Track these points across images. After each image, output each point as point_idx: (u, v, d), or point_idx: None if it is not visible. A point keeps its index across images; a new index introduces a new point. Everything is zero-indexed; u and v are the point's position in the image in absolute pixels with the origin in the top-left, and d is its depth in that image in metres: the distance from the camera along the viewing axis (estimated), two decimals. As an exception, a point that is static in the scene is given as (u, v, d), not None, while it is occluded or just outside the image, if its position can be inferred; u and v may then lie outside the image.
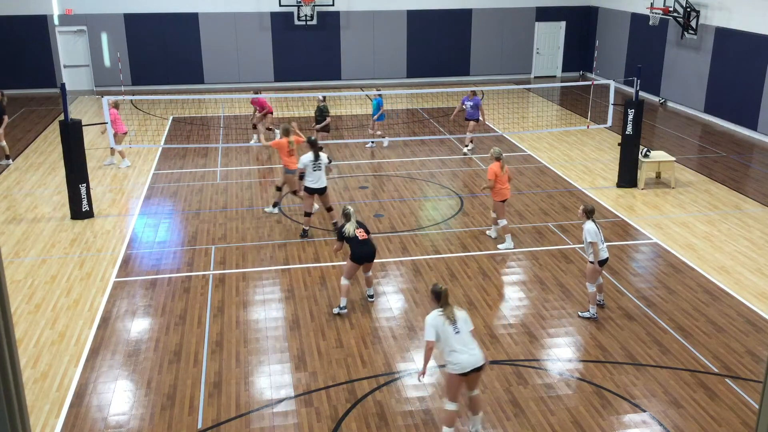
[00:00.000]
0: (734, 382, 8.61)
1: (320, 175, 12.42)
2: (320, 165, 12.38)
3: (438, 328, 7.15)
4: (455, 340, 7.12)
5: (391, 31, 26.19)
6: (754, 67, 19.20)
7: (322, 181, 12.45)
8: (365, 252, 9.95)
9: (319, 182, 12.42)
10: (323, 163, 12.43)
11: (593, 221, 9.85)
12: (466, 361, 7.09)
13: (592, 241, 9.74)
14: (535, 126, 20.67)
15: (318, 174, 12.39)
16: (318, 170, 12.38)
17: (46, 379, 8.64)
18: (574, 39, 27.66)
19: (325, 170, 12.50)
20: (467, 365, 7.09)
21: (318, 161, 12.34)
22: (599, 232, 9.85)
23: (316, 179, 12.39)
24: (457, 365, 7.10)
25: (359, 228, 10.02)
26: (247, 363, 8.97)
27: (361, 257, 9.94)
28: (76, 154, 13.33)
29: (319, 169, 12.37)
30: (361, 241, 9.93)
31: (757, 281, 11.19)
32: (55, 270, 11.53)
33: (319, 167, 12.37)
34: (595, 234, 9.74)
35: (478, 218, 13.65)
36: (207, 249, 12.34)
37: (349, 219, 10.02)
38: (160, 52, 25.01)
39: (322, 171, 12.43)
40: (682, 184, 15.61)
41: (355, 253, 9.93)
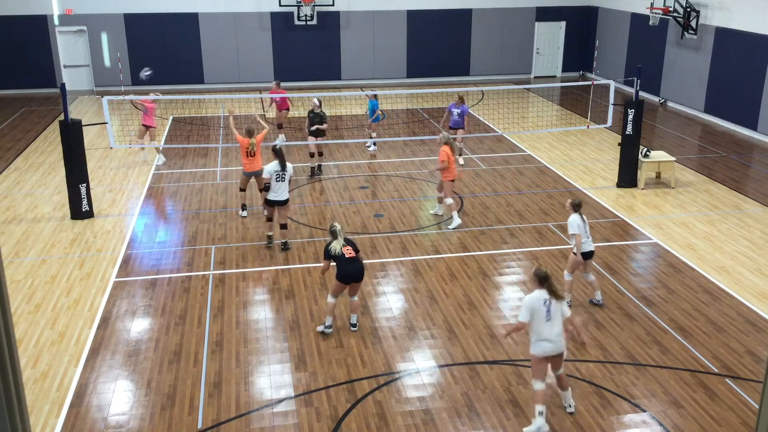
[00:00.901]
0: (734, 382, 8.61)
1: (283, 187, 11.84)
2: (284, 176, 11.81)
3: (534, 311, 7.51)
4: (544, 325, 7.51)
5: (391, 31, 26.19)
6: (754, 67, 19.20)
7: (283, 194, 11.88)
8: (352, 270, 9.32)
9: (280, 194, 11.85)
10: (288, 175, 11.88)
11: (579, 214, 9.93)
12: (545, 348, 7.56)
13: (573, 233, 9.87)
14: (535, 126, 20.67)
15: (280, 185, 11.81)
16: (281, 181, 11.80)
17: (46, 379, 8.64)
18: (574, 39, 27.65)
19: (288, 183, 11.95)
20: (548, 352, 7.57)
21: (283, 172, 11.80)
22: (583, 225, 9.93)
23: (277, 191, 11.82)
24: (540, 349, 7.58)
25: (347, 246, 9.39)
26: (247, 363, 8.98)
27: (347, 276, 9.32)
28: (76, 154, 13.33)
29: (282, 180, 11.80)
30: (348, 259, 9.30)
31: (757, 281, 11.19)
32: (55, 270, 11.53)
33: (282, 178, 11.79)
34: (577, 227, 9.84)
35: (478, 218, 13.65)
36: (207, 249, 12.34)
37: (336, 237, 9.42)
38: (160, 52, 25.00)
39: (286, 183, 11.86)
40: (682, 184, 15.61)
41: (341, 271, 9.32)
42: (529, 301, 7.55)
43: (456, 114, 16.55)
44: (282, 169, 11.81)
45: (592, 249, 10.08)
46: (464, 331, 9.69)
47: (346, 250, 9.36)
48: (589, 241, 9.99)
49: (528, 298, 7.58)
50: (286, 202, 12.04)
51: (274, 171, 11.77)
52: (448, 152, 12.79)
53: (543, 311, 7.49)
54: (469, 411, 8.06)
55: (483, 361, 9.01)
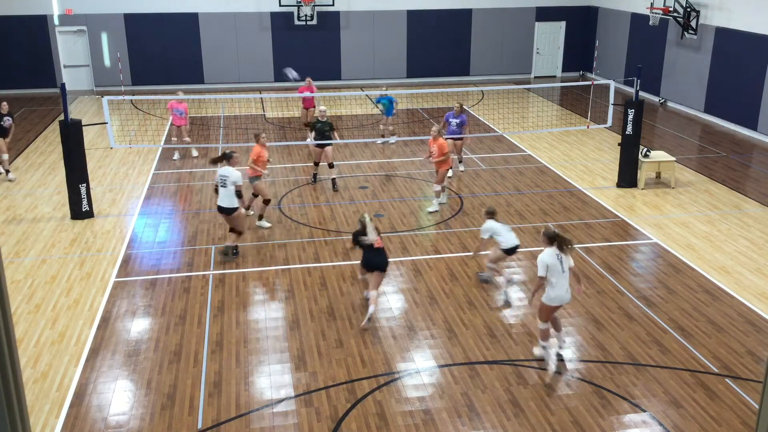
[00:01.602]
0: (734, 382, 8.61)
1: (225, 193, 11.40)
2: (224, 181, 11.39)
3: (550, 266, 8.41)
4: (561, 277, 8.44)
5: (391, 31, 26.19)
6: (754, 67, 19.20)
7: (224, 200, 11.46)
8: (377, 262, 9.81)
9: (222, 200, 11.50)
10: (227, 180, 11.34)
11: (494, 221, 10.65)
12: (562, 297, 8.54)
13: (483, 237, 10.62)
14: (535, 126, 20.67)
15: (222, 191, 11.42)
16: (223, 187, 11.41)
17: (46, 379, 8.64)
18: (574, 39, 27.65)
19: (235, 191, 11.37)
20: (561, 301, 8.57)
21: (223, 177, 11.38)
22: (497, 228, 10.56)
23: (220, 196, 11.49)
24: (555, 299, 8.53)
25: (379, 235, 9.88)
26: (247, 363, 8.98)
27: (371, 265, 9.85)
28: (76, 154, 13.33)
29: (224, 186, 11.39)
30: (376, 249, 9.79)
31: (757, 281, 11.19)
32: (55, 270, 11.53)
33: (224, 184, 11.39)
34: (485, 231, 10.56)
35: (478, 218, 13.65)
36: (207, 249, 12.34)
37: (364, 227, 9.73)
38: (160, 52, 25.01)
39: (228, 189, 11.36)
40: (682, 184, 15.61)
41: (366, 259, 9.88)
42: (544, 258, 8.43)
43: (454, 124, 15.48)
44: (223, 174, 11.40)
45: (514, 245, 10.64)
46: (464, 331, 9.69)
47: (378, 240, 9.86)
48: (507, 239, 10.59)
49: (543, 256, 8.46)
50: (227, 210, 11.51)
51: (218, 176, 11.49)
52: (446, 144, 13.67)
53: (558, 265, 8.41)
54: (469, 411, 8.06)
55: (483, 361, 9.01)
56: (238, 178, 11.39)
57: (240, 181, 11.42)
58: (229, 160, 11.54)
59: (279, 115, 21.75)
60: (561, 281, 8.46)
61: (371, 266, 9.87)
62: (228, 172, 11.41)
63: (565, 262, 8.48)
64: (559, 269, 8.43)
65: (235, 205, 11.52)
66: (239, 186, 11.40)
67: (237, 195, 11.45)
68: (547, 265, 8.43)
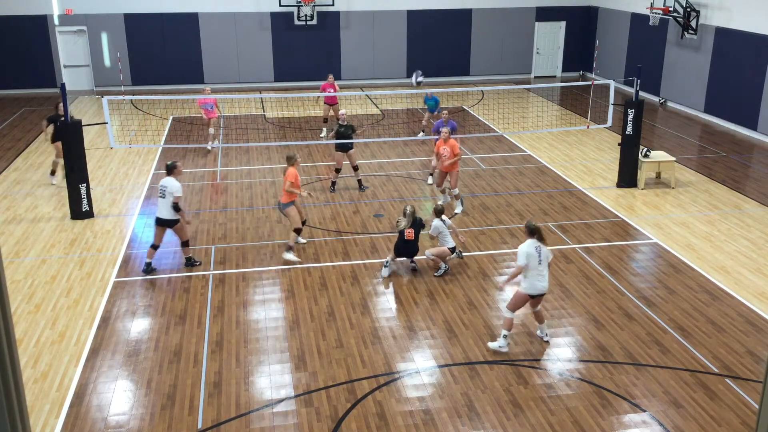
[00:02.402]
0: (734, 382, 8.61)
1: (162, 203, 11.01)
2: (163, 192, 10.98)
3: (529, 255, 8.87)
4: (538, 267, 8.92)
5: (391, 31, 26.19)
6: (754, 67, 19.20)
7: (161, 212, 11.05)
8: (404, 250, 11.29)
9: (159, 212, 11.09)
10: (167, 191, 10.92)
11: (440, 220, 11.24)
12: (535, 286, 8.97)
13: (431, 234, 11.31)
14: (535, 126, 20.67)
15: (160, 202, 11.04)
16: (162, 198, 11.02)
17: (46, 379, 8.64)
18: (574, 39, 27.65)
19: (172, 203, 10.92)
20: (540, 290, 9.03)
21: (163, 187, 11.00)
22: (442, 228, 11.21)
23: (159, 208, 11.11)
24: (530, 288, 8.97)
25: (410, 229, 11.12)
26: (247, 363, 8.98)
27: (399, 251, 11.31)
28: (76, 154, 13.33)
29: (162, 196, 11.00)
30: (405, 240, 11.18)
31: (757, 281, 11.19)
32: (55, 270, 11.53)
33: (162, 194, 11.02)
34: (434, 228, 11.23)
35: (478, 218, 13.65)
36: (207, 249, 12.34)
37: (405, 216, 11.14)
38: (160, 52, 25.01)
39: (165, 199, 10.96)
40: (682, 184, 15.61)
41: (396, 246, 11.30)
42: (524, 248, 8.91)
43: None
44: (164, 185, 11.03)
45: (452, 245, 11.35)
46: (464, 331, 9.69)
47: (408, 232, 11.14)
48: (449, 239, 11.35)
49: (522, 246, 8.94)
50: (163, 222, 11.08)
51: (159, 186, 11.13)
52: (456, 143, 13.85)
53: (536, 255, 8.88)
54: (469, 411, 8.06)
55: (483, 361, 9.01)
56: (177, 190, 10.90)
57: (179, 193, 10.90)
58: (172, 171, 11.09)
59: (279, 115, 21.76)
60: (535, 271, 8.91)
61: (401, 253, 11.32)
62: (168, 183, 10.95)
63: (543, 254, 8.94)
64: (537, 259, 8.88)
65: (175, 217, 11.03)
66: (177, 198, 10.89)
67: (174, 208, 10.97)
68: (526, 253, 8.87)
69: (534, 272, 8.95)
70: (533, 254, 8.90)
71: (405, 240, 11.21)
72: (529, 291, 9.03)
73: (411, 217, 11.17)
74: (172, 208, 10.98)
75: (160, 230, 11.24)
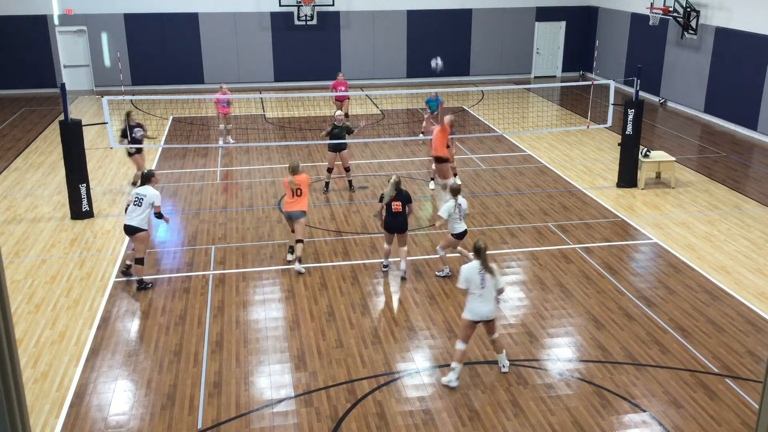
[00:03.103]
0: (734, 382, 8.61)
1: (134, 212, 10.55)
2: (140, 200, 10.54)
3: (469, 281, 8.27)
4: (478, 292, 8.25)
5: (391, 31, 26.19)
6: (754, 67, 19.20)
7: (132, 220, 10.54)
8: (393, 224, 10.86)
9: (129, 220, 10.57)
10: (144, 199, 10.53)
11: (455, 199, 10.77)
12: (478, 311, 8.29)
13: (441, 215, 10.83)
14: (535, 126, 20.67)
15: (133, 210, 10.57)
16: (137, 206, 10.54)
17: (46, 379, 8.64)
18: (574, 39, 27.65)
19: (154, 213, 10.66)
20: (478, 316, 8.31)
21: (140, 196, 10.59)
22: (455, 210, 10.74)
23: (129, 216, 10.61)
24: (471, 313, 8.32)
25: (397, 201, 10.70)
26: (247, 363, 8.97)
27: (388, 227, 10.92)
28: (76, 154, 13.33)
29: (138, 204, 10.54)
30: (393, 212, 10.78)
31: (757, 281, 11.19)
32: (55, 270, 11.53)
33: (138, 203, 10.55)
34: (445, 210, 10.78)
35: (478, 218, 13.65)
36: (207, 249, 12.34)
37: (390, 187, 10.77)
38: (160, 52, 25.01)
39: (140, 208, 10.52)
40: (682, 184, 15.61)
41: (385, 221, 10.91)
42: (465, 270, 8.33)
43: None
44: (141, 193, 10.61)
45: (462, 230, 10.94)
46: (464, 331, 9.68)
47: (395, 204, 10.71)
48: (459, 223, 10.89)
49: (465, 267, 8.36)
50: (132, 229, 10.55)
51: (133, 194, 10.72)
52: None
53: (477, 280, 8.23)
54: (469, 411, 8.06)
55: (483, 361, 9.01)
56: (156, 198, 10.63)
57: (158, 201, 10.65)
58: (149, 180, 10.79)
59: (279, 115, 21.76)
60: (477, 295, 8.25)
61: (390, 228, 10.93)
62: (146, 191, 10.61)
63: (488, 278, 8.23)
64: (478, 284, 8.22)
65: (144, 227, 10.58)
66: (158, 207, 10.63)
67: (157, 216, 10.75)
68: (465, 278, 8.30)
69: (475, 296, 8.28)
70: (473, 279, 8.22)
71: (393, 213, 10.79)
72: (469, 317, 8.36)
73: (395, 186, 10.72)
74: (155, 216, 10.77)
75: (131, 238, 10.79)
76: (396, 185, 10.78)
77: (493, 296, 8.36)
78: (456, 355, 8.48)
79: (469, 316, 8.37)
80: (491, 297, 8.33)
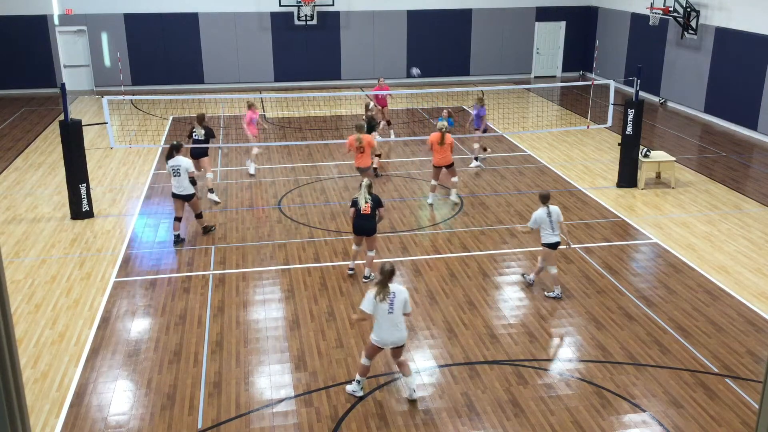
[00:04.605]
0: (734, 382, 8.61)
1: (177, 181, 12.10)
2: (176, 170, 12.05)
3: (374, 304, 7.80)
4: (385, 317, 7.83)
5: (391, 31, 26.19)
6: (754, 67, 19.20)
7: (181, 188, 12.15)
8: (359, 226, 10.72)
9: (177, 188, 12.19)
10: (181, 168, 12.02)
11: (546, 207, 10.39)
12: (386, 339, 7.90)
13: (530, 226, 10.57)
14: (535, 126, 20.67)
15: (176, 180, 12.11)
16: (176, 176, 12.09)
17: (46, 379, 8.64)
18: (574, 39, 27.66)
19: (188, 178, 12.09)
20: (385, 343, 7.93)
21: (174, 166, 12.04)
22: (547, 218, 10.34)
23: (174, 185, 12.20)
24: (379, 339, 7.92)
25: (368, 202, 10.58)
26: (247, 363, 8.98)
27: (356, 229, 10.79)
28: (76, 154, 13.33)
29: (177, 174, 12.07)
30: (362, 214, 10.60)
31: (757, 281, 11.19)
32: (55, 270, 11.53)
33: (177, 173, 12.06)
34: (535, 221, 10.43)
35: (478, 218, 13.65)
36: (207, 249, 12.34)
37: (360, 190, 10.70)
38: (160, 52, 25.02)
39: (181, 177, 12.06)
40: (682, 184, 15.61)
41: (355, 224, 10.76)
42: (369, 294, 7.85)
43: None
44: (175, 164, 12.10)
45: (555, 241, 10.45)
46: (464, 331, 9.69)
47: (365, 206, 10.56)
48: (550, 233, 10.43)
49: (369, 292, 7.87)
50: (188, 197, 12.27)
51: (169, 167, 12.18)
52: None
53: (384, 307, 7.80)
54: (469, 411, 8.06)
55: (483, 361, 9.01)
56: (189, 165, 12.18)
57: (191, 167, 12.20)
58: (179, 150, 12.18)
59: (279, 115, 21.76)
60: (385, 320, 7.82)
61: (359, 231, 10.77)
62: (179, 162, 12.08)
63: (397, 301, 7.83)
64: (386, 309, 7.79)
65: (190, 192, 12.24)
66: (192, 172, 12.21)
67: (191, 182, 12.22)
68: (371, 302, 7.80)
69: (382, 321, 7.82)
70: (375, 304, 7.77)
71: (362, 216, 10.62)
72: (377, 342, 7.93)
73: (366, 189, 10.66)
74: (190, 182, 12.14)
75: (178, 203, 12.34)
76: (368, 188, 10.67)
77: (401, 320, 7.89)
78: (360, 369, 8.18)
79: (378, 343, 7.93)
80: (401, 321, 7.89)
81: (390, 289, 7.82)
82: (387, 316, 7.82)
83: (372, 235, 10.83)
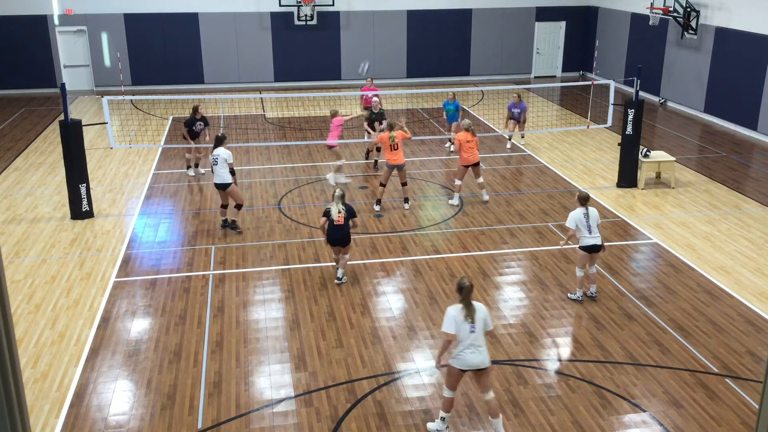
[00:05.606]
0: (734, 382, 8.61)
1: (216, 171, 12.58)
2: (216, 160, 12.56)
3: (457, 322, 7.23)
4: (467, 338, 7.22)
5: (391, 31, 26.18)
6: (754, 67, 19.20)
7: (218, 177, 12.61)
8: (332, 236, 10.73)
9: (216, 178, 12.67)
10: (219, 158, 12.50)
11: (585, 208, 10.22)
12: (468, 361, 7.26)
13: (567, 226, 10.35)
14: (535, 126, 20.66)
15: (216, 170, 12.60)
16: (214, 165, 12.59)
17: (46, 379, 8.64)
18: (574, 39, 27.65)
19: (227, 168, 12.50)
20: (467, 365, 7.28)
21: (215, 157, 12.58)
22: (584, 219, 10.19)
23: (215, 176, 12.69)
24: (459, 362, 7.29)
25: (341, 212, 10.62)
26: (247, 363, 8.98)
27: (330, 239, 10.79)
28: (76, 154, 13.33)
29: (215, 164, 12.56)
30: (335, 225, 10.63)
31: (757, 281, 11.19)
32: (55, 270, 11.53)
33: (215, 162, 12.58)
34: (572, 221, 10.24)
35: (478, 218, 13.65)
36: (207, 249, 12.34)
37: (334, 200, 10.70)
38: (160, 52, 25.02)
39: (218, 166, 12.52)
40: (682, 184, 15.61)
41: (329, 234, 10.75)
42: (450, 312, 7.29)
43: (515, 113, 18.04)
44: (215, 154, 12.58)
45: (593, 243, 10.22)
46: (464, 331, 9.68)
47: (338, 216, 10.59)
48: (587, 234, 10.21)
49: (449, 310, 7.31)
50: (224, 186, 12.64)
51: (211, 157, 12.73)
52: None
53: (467, 327, 7.20)
54: (469, 411, 8.06)
55: (483, 361, 9.00)
56: (229, 156, 12.63)
57: (231, 159, 12.63)
58: (222, 142, 12.73)
59: (279, 115, 21.76)
60: (466, 341, 7.23)
61: (332, 241, 10.81)
62: (219, 152, 12.57)
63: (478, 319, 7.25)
64: (468, 328, 7.22)
65: (228, 181, 12.61)
66: (231, 163, 12.61)
67: (231, 172, 12.61)
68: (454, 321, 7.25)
69: (464, 342, 7.22)
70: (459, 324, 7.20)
71: (334, 226, 10.59)
72: (457, 365, 7.32)
73: (339, 200, 10.65)
74: (230, 172, 12.59)
75: (222, 194, 12.89)
76: (340, 198, 10.66)
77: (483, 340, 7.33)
78: (444, 404, 7.60)
79: (458, 365, 7.31)
80: (483, 342, 7.31)
81: (474, 307, 7.30)
82: (469, 335, 7.20)
83: (346, 245, 10.86)
